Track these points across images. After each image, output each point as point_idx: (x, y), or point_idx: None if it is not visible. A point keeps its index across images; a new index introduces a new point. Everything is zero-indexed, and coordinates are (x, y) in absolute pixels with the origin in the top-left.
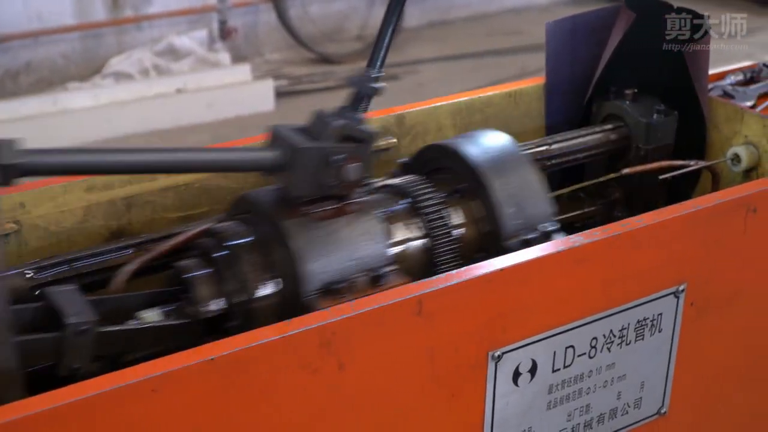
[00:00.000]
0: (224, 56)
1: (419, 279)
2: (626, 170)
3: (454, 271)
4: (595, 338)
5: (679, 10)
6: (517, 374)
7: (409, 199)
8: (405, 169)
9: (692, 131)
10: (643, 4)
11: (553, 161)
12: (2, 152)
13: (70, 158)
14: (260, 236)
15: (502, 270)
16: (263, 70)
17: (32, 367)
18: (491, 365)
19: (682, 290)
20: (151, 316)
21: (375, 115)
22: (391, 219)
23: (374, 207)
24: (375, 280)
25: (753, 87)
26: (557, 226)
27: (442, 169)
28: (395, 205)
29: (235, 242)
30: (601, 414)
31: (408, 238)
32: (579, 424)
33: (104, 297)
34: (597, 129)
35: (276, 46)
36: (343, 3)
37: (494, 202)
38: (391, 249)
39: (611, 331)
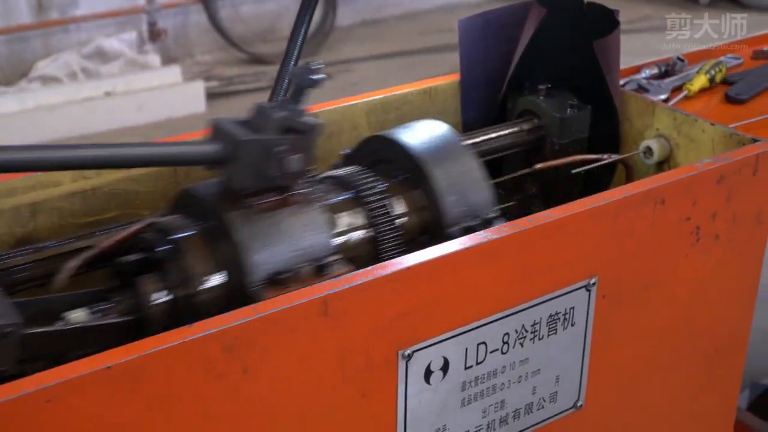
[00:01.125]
0: (154, 58)
1: (363, 268)
2: (539, 165)
3: (361, 270)
4: (507, 334)
5: (589, 5)
6: (428, 372)
7: (352, 190)
8: (346, 160)
9: (606, 125)
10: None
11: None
12: None
13: (10, 155)
14: (204, 229)
15: (409, 268)
16: (194, 71)
17: None
18: (402, 364)
19: (594, 283)
20: (79, 316)
21: None
22: (334, 210)
23: (317, 198)
24: (319, 270)
25: (667, 80)
26: (498, 213)
27: (384, 160)
28: (338, 196)
29: (179, 236)
30: (516, 409)
31: (351, 228)
32: (494, 420)
33: (29, 299)
34: (512, 125)
35: (207, 47)
36: (275, 3)
37: (436, 191)
38: (335, 239)
39: (523, 326)
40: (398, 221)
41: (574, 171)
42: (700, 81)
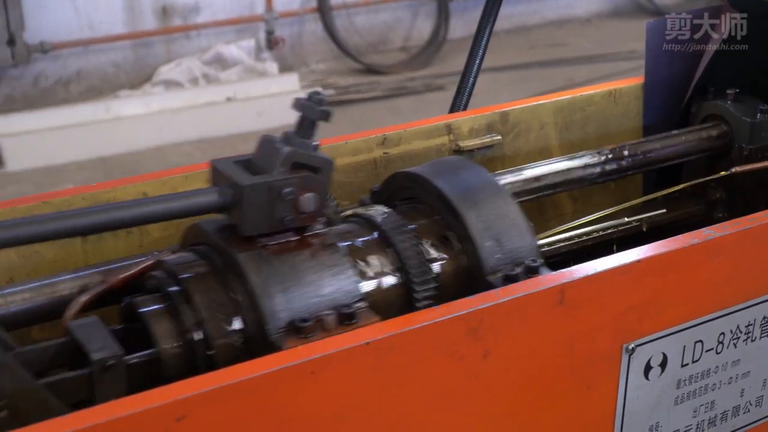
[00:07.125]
0: (272, 66)
1: (393, 317)
2: (736, 169)
3: (595, 261)
4: (722, 333)
5: None
6: (648, 368)
7: (378, 231)
8: (374, 196)
9: None
10: (748, 4)
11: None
12: None
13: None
14: (216, 270)
15: (639, 261)
16: (309, 80)
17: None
18: (625, 358)
19: None
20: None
21: (480, 112)
22: (359, 252)
23: (340, 239)
24: (344, 318)
25: None
26: (541, 261)
27: (413, 198)
28: (363, 236)
29: (188, 276)
30: (724, 411)
31: (379, 272)
32: (704, 420)
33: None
34: (698, 129)
35: (321, 56)
36: (388, 14)
37: (471, 235)
38: (361, 284)
39: (738, 326)
40: (431, 266)
41: None
42: None
